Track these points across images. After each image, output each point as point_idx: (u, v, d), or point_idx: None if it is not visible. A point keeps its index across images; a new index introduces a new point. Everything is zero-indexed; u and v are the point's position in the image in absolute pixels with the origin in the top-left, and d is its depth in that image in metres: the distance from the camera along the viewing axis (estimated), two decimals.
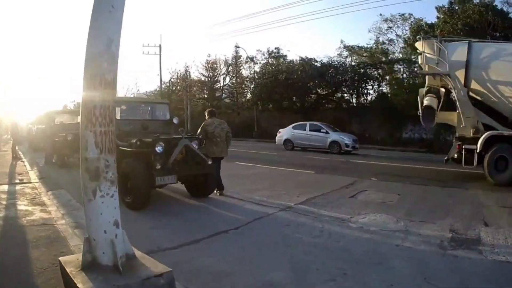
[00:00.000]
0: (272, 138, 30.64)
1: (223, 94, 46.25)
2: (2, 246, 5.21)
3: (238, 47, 43.00)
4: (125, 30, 3.76)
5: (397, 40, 33.82)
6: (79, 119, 16.37)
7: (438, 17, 26.04)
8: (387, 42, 34.45)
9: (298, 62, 33.03)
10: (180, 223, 6.57)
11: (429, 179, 11.19)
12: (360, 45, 36.63)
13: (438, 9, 26.42)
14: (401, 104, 27.62)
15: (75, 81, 56.17)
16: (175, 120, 9.23)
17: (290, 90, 32.20)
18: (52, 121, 16.74)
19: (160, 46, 43.08)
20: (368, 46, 35.78)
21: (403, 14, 32.66)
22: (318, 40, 73.54)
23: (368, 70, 31.18)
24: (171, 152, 7.44)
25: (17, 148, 18.24)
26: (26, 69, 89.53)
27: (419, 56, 12.65)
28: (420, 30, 24.95)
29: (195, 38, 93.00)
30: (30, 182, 10.37)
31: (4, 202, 7.87)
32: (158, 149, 7.21)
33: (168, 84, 48.58)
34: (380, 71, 31.34)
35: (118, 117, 8.52)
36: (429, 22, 26.04)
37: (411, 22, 31.82)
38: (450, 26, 21.55)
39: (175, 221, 6.67)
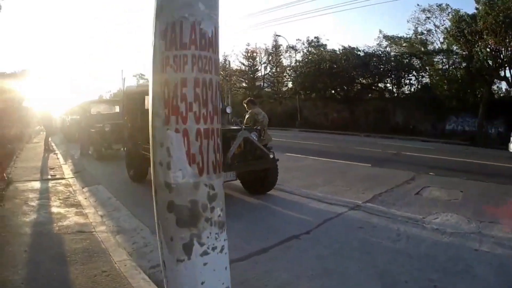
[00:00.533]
0: (316, 127, 31.06)
1: (264, 83, 46.19)
2: (29, 262, 4.30)
3: (279, 35, 43.02)
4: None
5: (435, 31, 33.33)
6: (117, 109, 15.84)
7: (476, 8, 25.47)
8: (425, 32, 33.86)
9: (341, 51, 32.88)
10: (243, 227, 6.01)
11: (483, 174, 11.10)
12: (399, 35, 35.94)
13: (477, 0, 26.03)
14: (443, 95, 27.53)
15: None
16: (228, 109, 8.66)
17: (334, 79, 32.16)
18: (87, 112, 16.54)
19: None
20: (407, 36, 35.18)
21: (440, 5, 32.11)
22: (356, 30, 73.30)
23: (411, 60, 30.91)
24: (228, 146, 6.75)
25: (50, 139, 17.61)
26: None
27: None
28: (462, 21, 24.60)
29: (232, 27, 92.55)
30: (64, 178, 9.83)
31: (33, 203, 7.07)
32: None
33: None
34: (422, 61, 30.98)
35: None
36: (469, 13, 25.57)
37: (449, 12, 31.37)
38: (492, 18, 21.14)
39: (237, 225, 5.96)
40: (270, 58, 45.81)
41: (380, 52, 32.65)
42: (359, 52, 32.47)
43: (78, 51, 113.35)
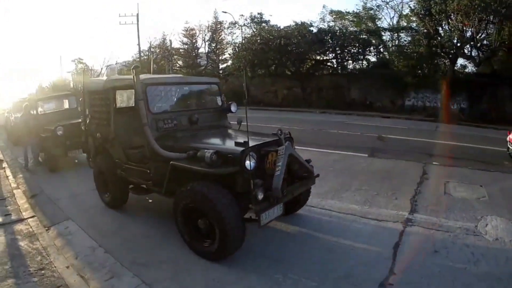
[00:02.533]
0: (266, 105, 29.78)
1: (206, 62, 44.33)
2: None
3: (225, 12, 41.67)
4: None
5: (385, 6, 32.94)
6: (66, 104, 14.15)
7: None
8: (375, 8, 33.40)
9: (292, 27, 31.68)
10: (300, 271, 4.52)
11: (484, 162, 10.58)
12: (347, 10, 35.34)
13: None
14: (402, 71, 27.32)
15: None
16: (233, 108, 6.84)
17: (285, 55, 30.99)
18: (33, 110, 12.59)
19: (137, 15, 42.55)
20: (356, 11, 34.57)
21: None
22: (297, 5, 72.45)
23: (369, 37, 30.39)
24: (263, 167, 4.93)
25: None
26: None
27: None
28: (427, 0, 24.10)
29: (173, 6, 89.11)
30: (22, 220, 7.07)
31: None
32: (250, 164, 4.54)
33: (147, 53, 46.36)
34: (380, 38, 30.65)
35: (150, 109, 5.95)
36: None
37: None
38: (467, 1, 20.80)
39: (292, 274, 4.45)
40: (210, 35, 43.74)
41: (337, 29, 31.80)
42: (312, 28, 31.57)
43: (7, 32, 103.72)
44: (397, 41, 30.81)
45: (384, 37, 31.04)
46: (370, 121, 21.42)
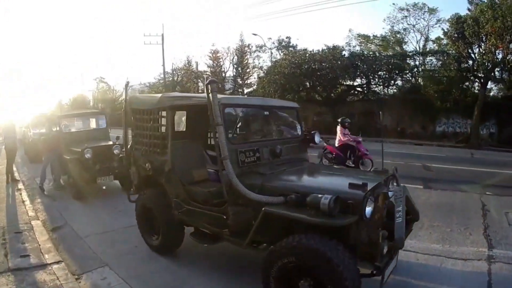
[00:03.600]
0: None
1: (229, 85, 44.65)
2: None
3: (255, 34, 42.37)
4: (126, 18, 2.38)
5: (412, 30, 33.68)
6: (93, 123, 12.76)
7: (469, 9, 25.71)
8: (402, 31, 34.00)
9: (325, 51, 31.84)
10: None
11: None
12: (374, 34, 36.00)
13: (470, 1, 26.04)
14: (433, 96, 27.48)
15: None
16: (317, 138, 5.97)
17: (317, 80, 31.24)
18: (56, 126, 11.51)
19: (162, 35, 42.76)
20: (383, 34, 35.40)
21: (416, 4, 32.68)
22: (322, 31, 72.90)
23: (403, 61, 30.49)
24: (376, 213, 4.06)
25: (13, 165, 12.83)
26: None
27: None
28: (460, 22, 24.33)
29: (199, 28, 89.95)
30: (45, 265, 5.54)
31: None
32: (370, 210, 3.85)
33: (171, 75, 47.04)
34: (412, 61, 30.77)
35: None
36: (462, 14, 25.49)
37: (425, 11, 32.10)
38: (501, 22, 20.98)
39: None
40: (235, 58, 44.39)
41: (370, 53, 32.29)
42: (344, 52, 31.94)
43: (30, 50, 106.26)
44: (426, 65, 30.95)
45: (413, 61, 31.20)
46: (404, 148, 21.50)
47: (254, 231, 4.22)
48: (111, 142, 10.57)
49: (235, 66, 43.90)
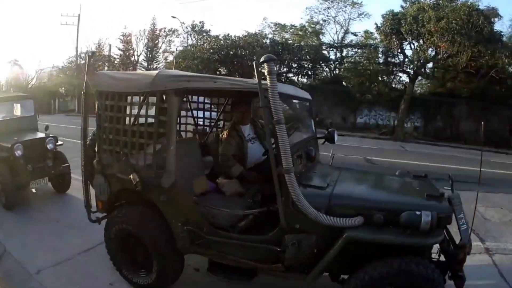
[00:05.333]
0: None
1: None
2: None
3: (174, 17, 40.36)
4: None
5: (333, 21, 33.41)
6: (18, 110, 9.01)
7: (402, 7, 25.96)
8: (321, 22, 33.68)
9: (246, 37, 30.59)
10: None
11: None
12: (292, 24, 35.29)
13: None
14: (355, 88, 27.69)
15: None
16: (336, 137, 5.23)
17: (234, 67, 29.88)
18: None
19: (79, 15, 40.44)
20: (301, 25, 34.60)
21: None
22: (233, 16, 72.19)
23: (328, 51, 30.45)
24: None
25: None
26: None
27: None
28: (395, 19, 24.55)
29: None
30: None
31: None
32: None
33: (84, 56, 43.44)
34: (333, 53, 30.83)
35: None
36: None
37: (347, 4, 32.15)
38: (445, 23, 21.33)
39: None
40: (146, 42, 41.80)
41: (292, 41, 31.52)
42: (264, 40, 30.90)
43: None
44: (349, 57, 31.22)
45: (333, 53, 31.36)
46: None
47: (328, 261, 3.27)
48: (43, 135, 8.14)
49: (147, 50, 41.51)
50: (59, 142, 8.13)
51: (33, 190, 7.98)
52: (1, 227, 6.41)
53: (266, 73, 3.18)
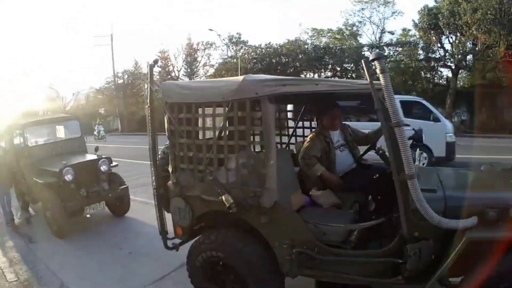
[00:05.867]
0: None
1: None
2: None
3: (211, 30, 40.86)
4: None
5: (368, 22, 33.75)
6: (62, 132, 8.82)
7: (436, 1, 26.18)
8: (357, 24, 34.17)
9: (287, 44, 31.29)
10: None
11: None
12: (329, 28, 35.38)
13: None
14: (399, 87, 27.88)
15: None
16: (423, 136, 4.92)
17: (278, 75, 30.37)
18: (20, 138, 8.05)
19: (111, 35, 41.89)
20: (339, 28, 34.80)
21: None
22: (269, 25, 72.85)
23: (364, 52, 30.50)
24: None
25: None
26: None
27: None
28: (432, 14, 24.89)
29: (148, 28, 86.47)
30: None
31: None
32: None
33: (122, 77, 45.26)
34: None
35: None
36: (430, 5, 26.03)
37: (380, 4, 32.33)
38: (481, 15, 21.59)
39: None
40: (185, 57, 42.83)
41: (335, 46, 31.90)
42: (306, 46, 31.46)
43: None
44: (392, 56, 31.28)
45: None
46: None
47: (449, 266, 3.02)
48: (94, 156, 7.72)
49: (187, 64, 42.51)
50: (114, 163, 7.69)
51: (88, 216, 7.23)
52: (54, 257, 5.77)
53: (378, 72, 2.89)
